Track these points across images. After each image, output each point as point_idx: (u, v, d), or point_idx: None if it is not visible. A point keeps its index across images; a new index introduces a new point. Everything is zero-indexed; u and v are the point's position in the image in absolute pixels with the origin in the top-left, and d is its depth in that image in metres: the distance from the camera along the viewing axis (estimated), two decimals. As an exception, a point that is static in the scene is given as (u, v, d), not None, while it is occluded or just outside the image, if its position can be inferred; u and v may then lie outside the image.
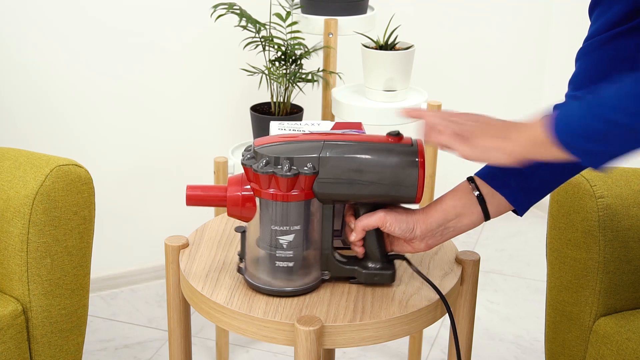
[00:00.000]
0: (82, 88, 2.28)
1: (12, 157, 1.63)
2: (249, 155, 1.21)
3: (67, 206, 1.56)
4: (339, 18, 2.06)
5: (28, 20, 2.16)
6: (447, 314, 1.24)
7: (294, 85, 1.95)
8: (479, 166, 1.28)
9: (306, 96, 2.55)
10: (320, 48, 2.03)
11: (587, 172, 1.57)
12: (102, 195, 2.41)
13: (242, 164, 1.21)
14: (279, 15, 1.94)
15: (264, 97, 2.50)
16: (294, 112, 1.99)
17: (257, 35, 1.93)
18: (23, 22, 2.16)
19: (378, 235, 1.24)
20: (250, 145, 1.23)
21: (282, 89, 1.95)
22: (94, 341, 2.25)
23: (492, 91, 2.89)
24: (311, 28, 2.09)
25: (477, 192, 1.23)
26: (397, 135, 1.24)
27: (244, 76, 2.47)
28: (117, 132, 2.36)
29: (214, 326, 2.31)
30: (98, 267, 2.47)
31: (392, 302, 1.22)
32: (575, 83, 1.27)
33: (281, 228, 1.20)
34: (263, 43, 1.93)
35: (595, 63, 1.24)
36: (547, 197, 1.48)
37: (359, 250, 1.24)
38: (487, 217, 1.23)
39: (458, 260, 1.33)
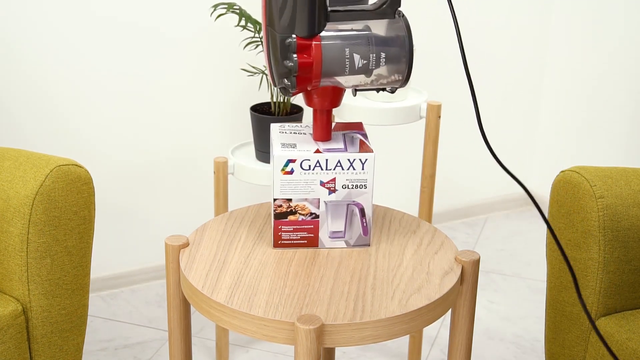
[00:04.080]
0: (83, 88, 2.28)
1: (12, 157, 1.63)
2: (286, 93, 1.30)
3: (67, 206, 1.56)
4: (339, 18, 2.06)
5: (28, 20, 2.16)
6: (447, 313, 1.24)
7: (294, 85, 1.95)
8: (478, 166, 1.28)
9: (306, 96, 2.54)
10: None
11: (587, 173, 1.57)
12: (102, 195, 2.41)
13: (292, 100, 1.32)
14: (279, 16, 1.93)
15: (264, 97, 2.50)
16: (294, 113, 1.99)
17: (257, 35, 1.93)
18: (23, 22, 2.16)
19: None
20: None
21: (282, 89, 1.95)
22: (94, 341, 2.25)
23: (492, 91, 2.89)
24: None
25: None
26: None
27: (244, 76, 2.48)
28: (117, 132, 2.36)
29: (214, 326, 2.31)
30: (98, 267, 2.47)
31: (392, 301, 1.22)
32: None
33: (347, 65, 1.27)
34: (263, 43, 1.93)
35: None
36: (547, 198, 1.48)
37: None
38: None
39: (458, 260, 1.33)
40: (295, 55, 1.25)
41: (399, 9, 1.28)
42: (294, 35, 1.24)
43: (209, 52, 2.40)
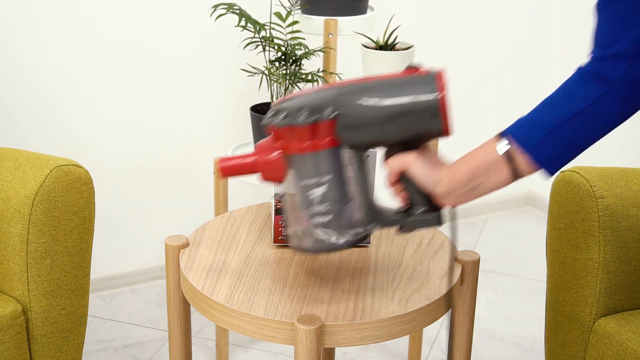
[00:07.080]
0: (83, 88, 2.28)
1: (12, 157, 1.63)
2: (270, 115, 1.18)
3: (67, 206, 1.56)
4: (339, 18, 2.06)
5: (28, 21, 2.16)
6: (447, 313, 1.24)
7: (294, 85, 1.95)
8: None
9: (306, 96, 2.54)
10: (320, 50, 2.03)
11: (587, 173, 1.57)
12: (102, 196, 2.41)
13: (262, 124, 1.18)
14: (278, 15, 1.94)
15: (264, 97, 2.50)
16: (294, 112, 1.98)
17: (257, 36, 1.93)
18: (23, 23, 2.16)
19: None
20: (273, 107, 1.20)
21: (282, 89, 1.95)
22: (94, 341, 2.25)
23: (492, 91, 2.89)
24: (311, 28, 2.09)
25: (506, 149, 1.11)
26: (415, 68, 1.17)
27: (244, 76, 2.48)
28: (117, 132, 2.36)
29: (214, 326, 2.31)
30: (98, 267, 2.47)
31: (392, 301, 1.22)
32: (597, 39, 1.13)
33: (312, 180, 1.17)
34: (263, 43, 1.93)
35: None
36: (547, 198, 1.48)
37: (400, 196, 1.19)
38: (516, 176, 1.13)
39: (458, 260, 1.33)
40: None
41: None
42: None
43: (210, 53, 2.40)
